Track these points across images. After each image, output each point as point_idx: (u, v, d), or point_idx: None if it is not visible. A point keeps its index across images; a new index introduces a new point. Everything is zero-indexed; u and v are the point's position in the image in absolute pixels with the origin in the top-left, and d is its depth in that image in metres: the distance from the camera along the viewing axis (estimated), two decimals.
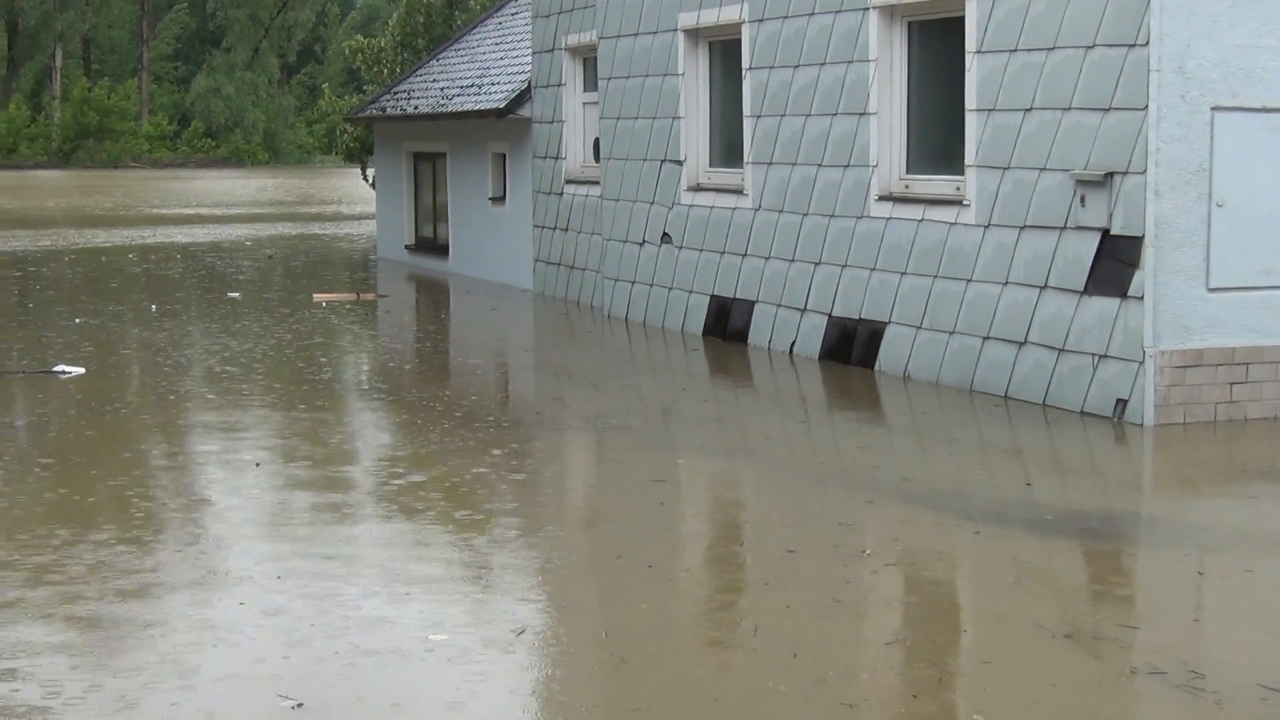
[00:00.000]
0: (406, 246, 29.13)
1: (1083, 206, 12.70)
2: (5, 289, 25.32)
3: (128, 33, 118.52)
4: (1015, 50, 13.36)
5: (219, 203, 57.44)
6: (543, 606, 7.87)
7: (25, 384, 14.87)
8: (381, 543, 9.07)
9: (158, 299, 23.06)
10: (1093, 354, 12.72)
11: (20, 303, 23.21)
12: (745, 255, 17.16)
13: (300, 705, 6.34)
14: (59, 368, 15.60)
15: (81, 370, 15.54)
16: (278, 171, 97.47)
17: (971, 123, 13.85)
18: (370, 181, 39.71)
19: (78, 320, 20.16)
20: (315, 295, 23.16)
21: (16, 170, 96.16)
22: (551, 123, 22.75)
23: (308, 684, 6.60)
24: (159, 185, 74.28)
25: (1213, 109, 12.23)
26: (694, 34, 18.11)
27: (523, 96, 23.54)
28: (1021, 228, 13.38)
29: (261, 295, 23.54)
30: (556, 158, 22.61)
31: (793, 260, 16.36)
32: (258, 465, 11.26)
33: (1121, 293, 12.41)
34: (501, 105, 23.65)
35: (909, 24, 14.94)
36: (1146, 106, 12.10)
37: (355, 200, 55.29)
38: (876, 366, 15.14)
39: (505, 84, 24.56)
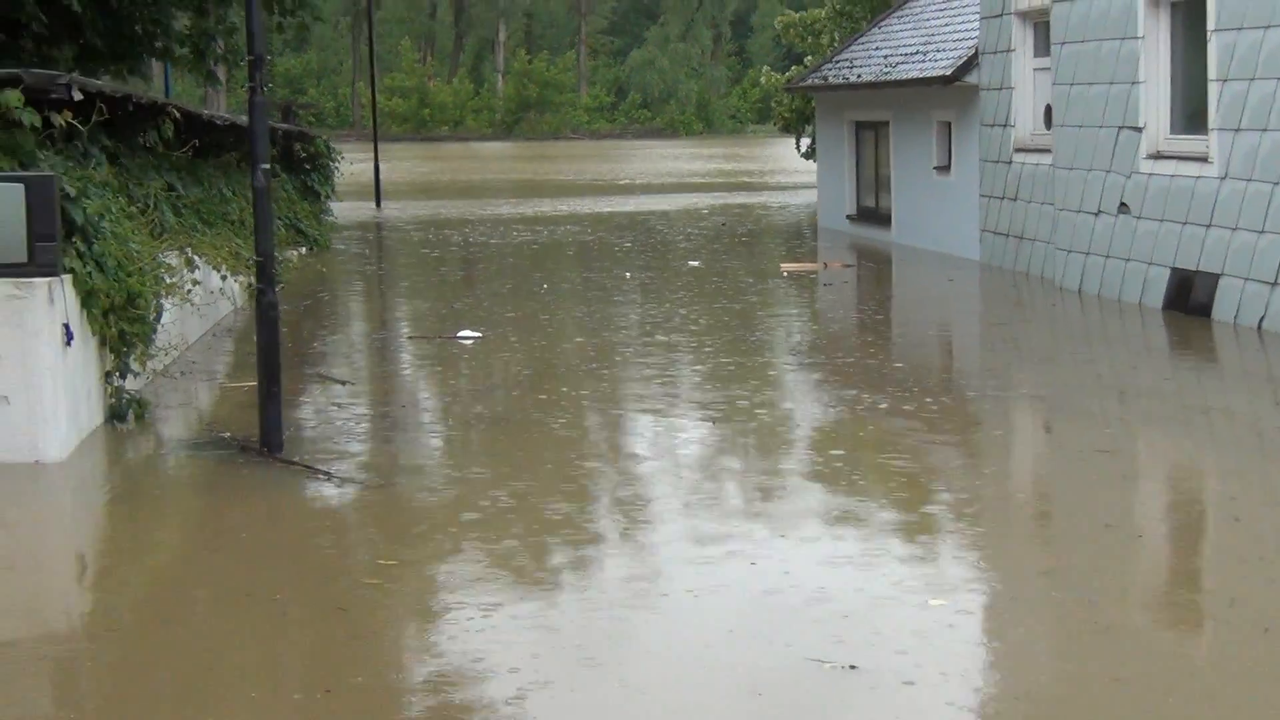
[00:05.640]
0: (848, 216, 29.27)
1: None
2: (457, 257, 26.64)
3: (565, 6, 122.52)
4: None
5: (658, 172, 58.88)
6: (1029, 573, 7.94)
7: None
8: (857, 511, 9.21)
9: (628, 267, 23.66)
10: None
11: (470, 271, 24.37)
12: (1210, 226, 16.63)
13: (854, 667, 6.45)
14: (463, 333, 16.11)
15: (480, 334, 16.04)
16: (711, 141, 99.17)
17: None
18: (802, 152, 40.07)
19: (545, 286, 21.01)
20: (782, 265, 23.45)
21: (462, 142, 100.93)
22: (1000, 89, 22.51)
23: (823, 649, 6.70)
24: (599, 155, 76.58)
25: None
26: None
27: (970, 63, 23.34)
28: None
29: (721, 264, 23.95)
30: (1005, 125, 22.36)
31: (1262, 231, 15.78)
32: (714, 423, 11.63)
33: None
34: (948, 72, 23.51)
35: None
36: None
37: (789, 170, 55.78)
38: None
39: (951, 50, 24.40)
